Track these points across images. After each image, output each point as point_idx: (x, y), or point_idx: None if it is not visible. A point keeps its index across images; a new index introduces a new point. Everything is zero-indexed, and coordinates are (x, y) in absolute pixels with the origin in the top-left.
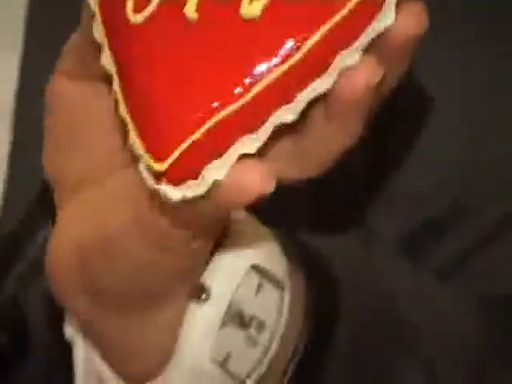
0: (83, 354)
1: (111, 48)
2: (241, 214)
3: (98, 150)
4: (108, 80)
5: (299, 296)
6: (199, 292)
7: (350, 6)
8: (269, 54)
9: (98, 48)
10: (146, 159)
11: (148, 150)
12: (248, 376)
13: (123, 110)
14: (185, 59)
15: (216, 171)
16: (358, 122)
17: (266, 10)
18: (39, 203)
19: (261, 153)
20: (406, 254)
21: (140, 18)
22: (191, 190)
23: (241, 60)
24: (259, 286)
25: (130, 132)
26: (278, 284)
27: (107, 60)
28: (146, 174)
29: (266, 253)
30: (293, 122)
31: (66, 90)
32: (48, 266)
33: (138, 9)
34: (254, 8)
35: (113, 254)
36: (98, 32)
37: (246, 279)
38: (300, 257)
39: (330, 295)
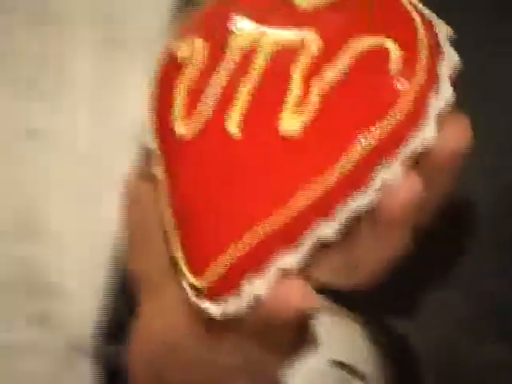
0: None
1: (161, 158)
2: (326, 305)
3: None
4: None
5: (383, 381)
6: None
7: (388, 121)
8: (307, 172)
9: None
10: (187, 275)
11: (188, 264)
12: None
13: (168, 221)
14: (226, 175)
15: (256, 287)
16: (403, 235)
17: (306, 127)
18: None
19: (307, 264)
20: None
21: (185, 131)
22: (232, 305)
23: (280, 178)
24: (342, 381)
25: (175, 246)
26: (362, 377)
27: (156, 169)
28: (188, 289)
29: (351, 347)
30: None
31: (140, 193)
32: (129, 368)
33: (184, 122)
34: (293, 125)
35: (180, 361)
36: (151, 141)
37: (328, 375)
38: (385, 340)
39: (413, 377)
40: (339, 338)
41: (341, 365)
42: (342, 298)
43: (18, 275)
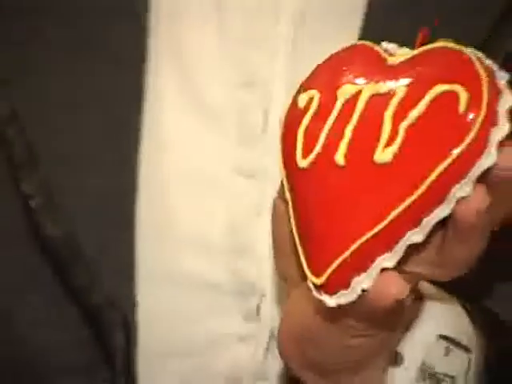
0: None
1: (288, 185)
2: (431, 289)
3: None
4: None
5: (482, 355)
6: (394, 358)
7: (460, 148)
8: (398, 191)
9: None
10: (309, 275)
11: (309, 266)
12: None
13: (293, 231)
14: (335, 196)
15: (363, 282)
16: (479, 239)
17: (395, 155)
18: None
19: (403, 262)
20: None
21: (305, 163)
22: (344, 298)
23: (378, 197)
24: (447, 350)
25: (299, 251)
26: (464, 348)
27: (286, 194)
28: (311, 286)
29: (453, 322)
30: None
31: (280, 209)
32: (279, 347)
33: (304, 156)
34: (386, 155)
35: (315, 341)
36: (281, 171)
37: (435, 346)
38: (483, 320)
39: (507, 349)
40: (445, 315)
41: (446, 338)
42: (444, 285)
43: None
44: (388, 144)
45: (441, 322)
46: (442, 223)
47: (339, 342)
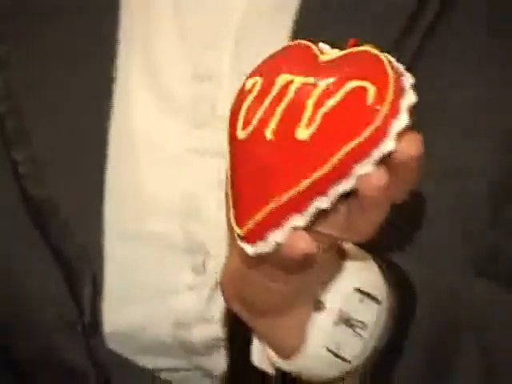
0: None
1: (229, 151)
2: (350, 247)
3: None
4: None
5: (389, 306)
6: (317, 304)
7: (364, 134)
8: (311, 164)
9: None
10: (234, 226)
11: (235, 219)
12: (353, 360)
13: (229, 191)
14: (262, 164)
15: (277, 237)
16: (379, 211)
17: (312, 135)
18: None
19: (319, 221)
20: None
21: (242, 135)
22: (261, 248)
23: (295, 167)
24: (361, 301)
25: (230, 207)
26: (376, 300)
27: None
28: (236, 235)
29: (369, 277)
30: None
31: None
32: (220, 288)
33: (242, 129)
34: (305, 134)
35: (245, 282)
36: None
37: (351, 297)
38: (391, 276)
39: (410, 303)
40: (362, 271)
41: (361, 291)
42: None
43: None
44: (308, 125)
45: (358, 276)
46: (349, 195)
47: (262, 284)
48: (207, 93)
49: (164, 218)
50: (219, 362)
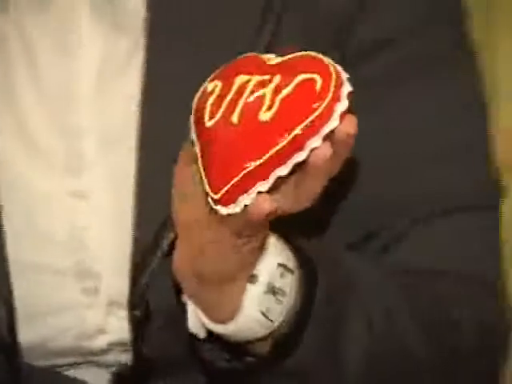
0: (192, 308)
1: (197, 139)
2: (272, 236)
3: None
4: None
5: (299, 276)
6: (251, 278)
7: (314, 115)
8: (273, 140)
9: None
10: (210, 193)
11: (210, 187)
12: (276, 321)
13: (200, 168)
14: (231, 142)
15: (245, 200)
16: (322, 178)
17: (273, 116)
18: (165, 223)
19: (276, 190)
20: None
21: (211, 123)
22: (233, 209)
23: (259, 144)
24: (282, 273)
25: (203, 180)
26: (291, 271)
27: (195, 144)
28: (210, 201)
29: (286, 254)
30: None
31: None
32: (174, 268)
33: (209, 119)
34: (266, 116)
35: (205, 256)
36: (192, 130)
37: (276, 270)
38: (297, 253)
39: (313, 276)
40: (281, 249)
41: (281, 265)
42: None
43: None
44: (268, 109)
45: (279, 253)
46: (299, 167)
47: (219, 254)
48: (76, 145)
49: (55, 250)
50: (112, 359)
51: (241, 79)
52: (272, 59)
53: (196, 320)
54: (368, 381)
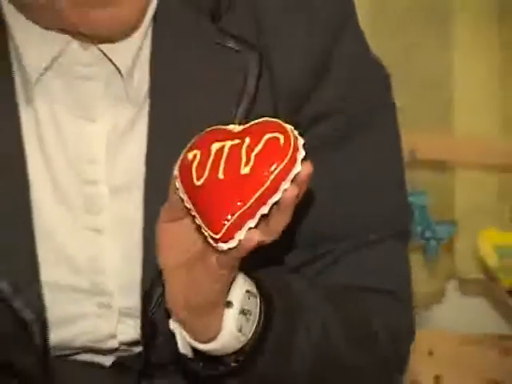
0: (180, 334)
1: (188, 196)
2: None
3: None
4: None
5: (260, 298)
6: (227, 303)
7: (284, 163)
8: (254, 187)
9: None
10: (211, 234)
11: (211, 230)
12: (248, 334)
13: (197, 217)
14: (221, 193)
15: (240, 235)
16: (289, 214)
17: (252, 169)
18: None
19: (257, 225)
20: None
21: (199, 182)
22: (231, 244)
23: (244, 191)
24: (248, 297)
25: (202, 225)
26: (254, 295)
27: (185, 202)
28: (211, 241)
29: (249, 282)
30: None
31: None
32: (168, 302)
33: (197, 179)
34: (246, 170)
35: (196, 285)
36: (180, 191)
37: (245, 296)
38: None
39: (270, 298)
40: (245, 278)
41: (248, 291)
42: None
43: None
44: (246, 164)
45: (245, 281)
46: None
47: (207, 287)
48: (94, 192)
49: (76, 274)
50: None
51: (216, 146)
52: (235, 128)
53: (184, 342)
54: (310, 377)
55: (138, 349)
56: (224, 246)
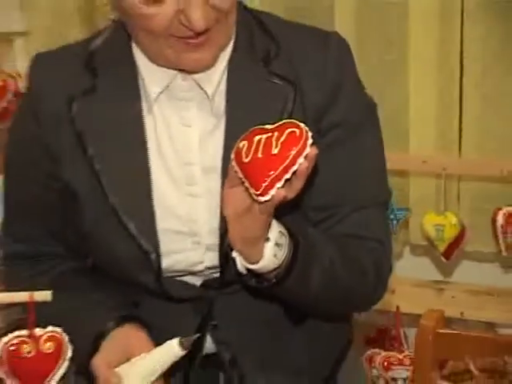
0: (238, 259)
1: (239, 169)
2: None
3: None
4: None
5: (289, 238)
6: (266, 239)
7: (298, 147)
8: (282, 161)
9: None
10: (254, 191)
11: (254, 188)
12: (281, 259)
13: (245, 182)
14: (260, 165)
15: (272, 192)
16: (304, 178)
17: (278, 150)
18: None
19: (283, 186)
20: None
21: (246, 159)
22: (267, 197)
23: (274, 164)
24: (280, 236)
25: (248, 186)
26: (284, 234)
27: (238, 174)
28: (254, 196)
29: (280, 225)
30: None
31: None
32: (230, 238)
33: (245, 157)
34: (275, 151)
35: (247, 225)
36: (235, 167)
37: (278, 234)
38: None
39: (295, 238)
40: (277, 222)
41: (280, 231)
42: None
43: None
44: (275, 147)
45: (278, 225)
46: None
47: (256, 223)
48: (190, 171)
49: (179, 222)
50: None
51: (257, 138)
52: (268, 126)
53: (241, 264)
54: (319, 293)
55: (217, 274)
56: (262, 199)
